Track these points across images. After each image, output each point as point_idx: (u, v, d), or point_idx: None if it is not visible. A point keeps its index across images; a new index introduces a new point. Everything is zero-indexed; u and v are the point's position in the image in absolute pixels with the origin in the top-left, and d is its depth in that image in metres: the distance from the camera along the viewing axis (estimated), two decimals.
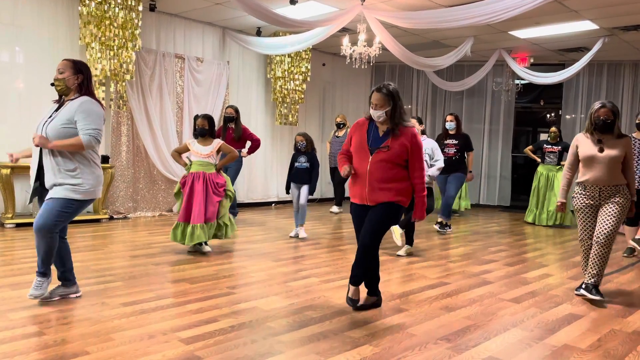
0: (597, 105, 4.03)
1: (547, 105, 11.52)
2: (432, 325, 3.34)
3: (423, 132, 5.82)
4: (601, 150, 3.97)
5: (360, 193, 3.47)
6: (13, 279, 4.00)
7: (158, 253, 5.15)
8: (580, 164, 4.13)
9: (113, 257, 4.92)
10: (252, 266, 4.78)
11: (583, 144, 4.09)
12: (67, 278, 3.57)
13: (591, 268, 4.00)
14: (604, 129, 3.98)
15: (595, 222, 4.07)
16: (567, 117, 10.24)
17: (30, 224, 6.21)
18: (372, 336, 3.10)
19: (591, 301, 3.96)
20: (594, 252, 3.98)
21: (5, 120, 6.39)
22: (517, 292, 4.24)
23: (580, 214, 4.14)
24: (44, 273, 3.43)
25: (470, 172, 7.28)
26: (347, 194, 9.28)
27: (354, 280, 3.57)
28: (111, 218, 7.18)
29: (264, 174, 9.40)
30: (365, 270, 3.54)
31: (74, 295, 3.60)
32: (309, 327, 3.21)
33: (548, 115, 12.17)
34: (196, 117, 5.28)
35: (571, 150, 4.20)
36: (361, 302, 3.60)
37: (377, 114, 3.42)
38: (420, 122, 5.87)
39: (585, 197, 4.07)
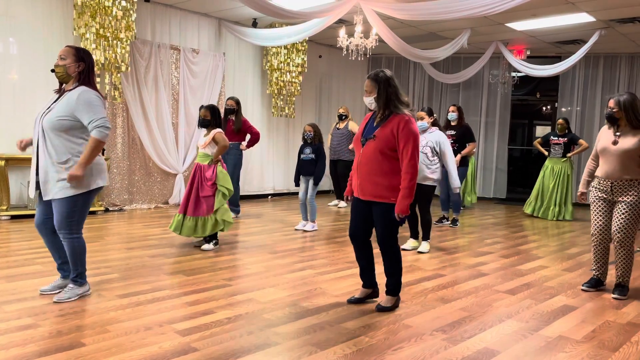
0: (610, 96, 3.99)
1: (544, 98, 11.52)
2: (427, 316, 3.35)
3: (434, 124, 5.48)
4: (615, 143, 3.87)
5: (355, 185, 3.44)
6: (8, 271, 3.99)
7: (154, 245, 5.14)
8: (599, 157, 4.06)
9: (109, 249, 4.91)
10: (248, 258, 4.78)
11: (603, 135, 4.02)
12: (66, 269, 3.54)
13: (616, 269, 4.03)
14: (609, 120, 3.93)
15: (607, 217, 3.98)
16: (564, 109, 10.25)
17: (26, 216, 6.21)
18: (368, 327, 3.11)
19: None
20: (614, 253, 4.00)
21: None
22: (513, 283, 4.26)
23: (593, 207, 4.06)
24: (74, 279, 3.41)
25: (463, 157, 7.00)
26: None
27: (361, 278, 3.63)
28: (107, 210, 7.16)
29: (260, 166, 9.38)
30: (386, 269, 3.47)
31: (71, 285, 3.58)
32: (305, 319, 3.21)
33: (544, 108, 12.18)
34: (201, 108, 5.10)
35: (596, 142, 4.12)
36: (382, 303, 3.46)
37: (368, 101, 3.35)
38: (430, 113, 5.50)
39: (598, 190, 4.00)
